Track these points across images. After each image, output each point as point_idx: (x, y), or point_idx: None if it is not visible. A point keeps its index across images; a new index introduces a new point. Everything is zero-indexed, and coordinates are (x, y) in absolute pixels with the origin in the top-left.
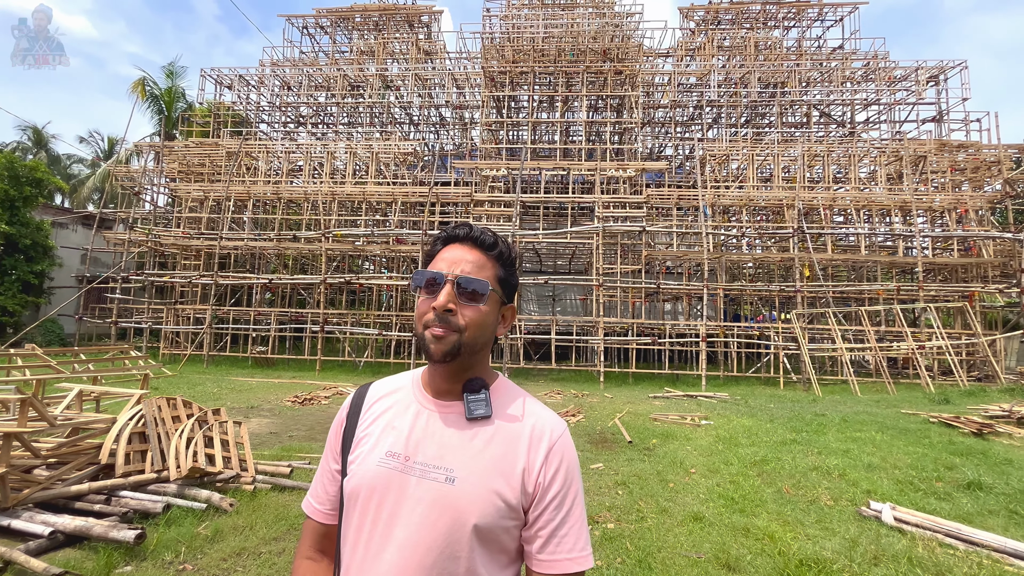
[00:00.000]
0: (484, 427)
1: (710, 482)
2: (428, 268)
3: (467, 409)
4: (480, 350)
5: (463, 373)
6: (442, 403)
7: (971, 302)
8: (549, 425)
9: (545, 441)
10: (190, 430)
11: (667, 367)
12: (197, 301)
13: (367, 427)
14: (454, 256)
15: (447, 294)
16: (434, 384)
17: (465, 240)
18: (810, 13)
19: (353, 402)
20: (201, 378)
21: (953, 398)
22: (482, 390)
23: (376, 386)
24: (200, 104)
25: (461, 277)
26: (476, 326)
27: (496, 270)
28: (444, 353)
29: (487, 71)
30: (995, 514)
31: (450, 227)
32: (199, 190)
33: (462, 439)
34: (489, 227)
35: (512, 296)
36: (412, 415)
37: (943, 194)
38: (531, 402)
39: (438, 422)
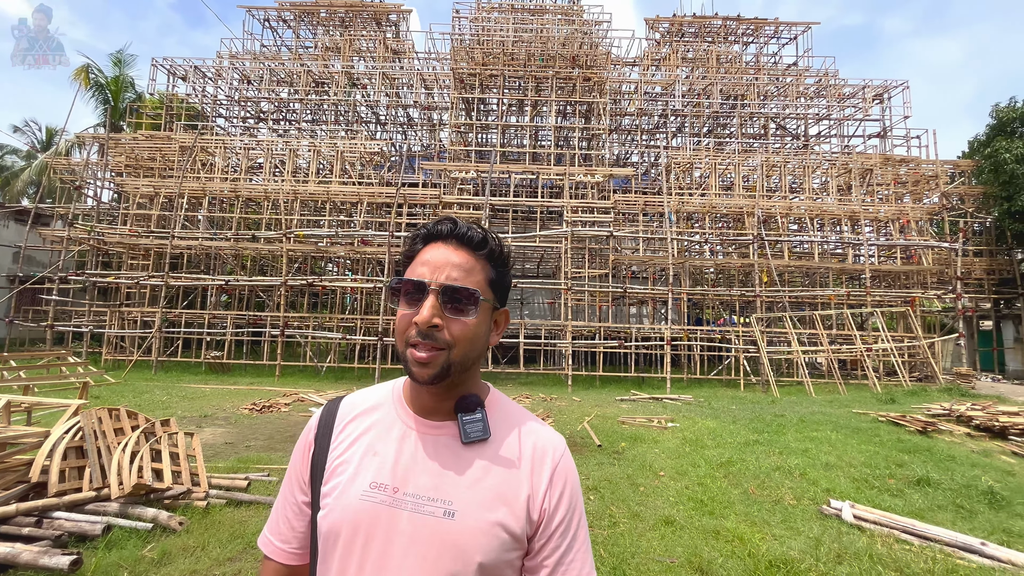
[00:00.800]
0: (482, 450)
1: (679, 484)
2: (407, 273)
3: (463, 432)
4: (472, 365)
5: (453, 390)
6: (431, 423)
7: (912, 307)
8: (551, 445)
9: (548, 463)
10: (135, 443)
11: (633, 370)
12: (145, 303)
13: (343, 452)
14: (437, 258)
15: (431, 307)
16: (420, 401)
17: (449, 238)
18: (767, 30)
19: (322, 421)
20: (149, 385)
21: (898, 397)
22: (478, 409)
23: (349, 402)
24: (151, 95)
25: (447, 285)
26: (466, 341)
27: (487, 272)
28: (432, 376)
29: (456, 72)
30: (944, 509)
31: (431, 222)
32: (149, 186)
33: (459, 466)
34: (476, 222)
35: (505, 299)
36: (397, 438)
37: (887, 205)
38: (528, 419)
39: (429, 446)
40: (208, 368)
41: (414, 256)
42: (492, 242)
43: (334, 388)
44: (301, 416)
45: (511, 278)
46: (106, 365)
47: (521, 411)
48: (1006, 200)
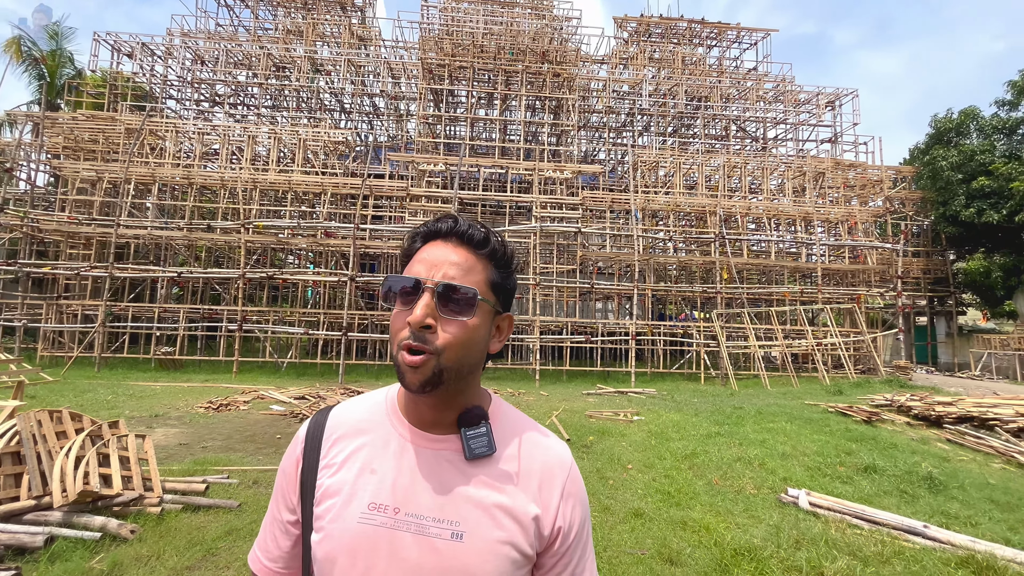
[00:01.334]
0: (487, 466)
1: (647, 477)
2: (404, 272)
3: (466, 448)
4: (469, 373)
5: (452, 401)
6: (431, 437)
7: (858, 304)
8: (559, 457)
9: (559, 477)
10: (80, 447)
11: (599, 364)
12: (87, 296)
13: (336, 470)
14: (435, 257)
15: (425, 306)
16: (416, 413)
17: (449, 236)
18: (730, 35)
19: (309, 435)
20: (92, 384)
21: (845, 389)
22: (482, 422)
23: (339, 413)
24: (93, 72)
25: (443, 283)
26: (459, 345)
27: (488, 273)
28: (422, 383)
29: (425, 63)
30: (889, 494)
31: (432, 220)
32: (90, 170)
33: (464, 484)
34: (478, 221)
35: (509, 303)
36: (394, 453)
37: (838, 207)
38: (533, 428)
39: (429, 462)
40: (158, 365)
41: (413, 255)
42: (495, 241)
43: (296, 385)
44: (261, 414)
45: (515, 281)
46: (42, 362)
47: (525, 420)
48: (942, 205)
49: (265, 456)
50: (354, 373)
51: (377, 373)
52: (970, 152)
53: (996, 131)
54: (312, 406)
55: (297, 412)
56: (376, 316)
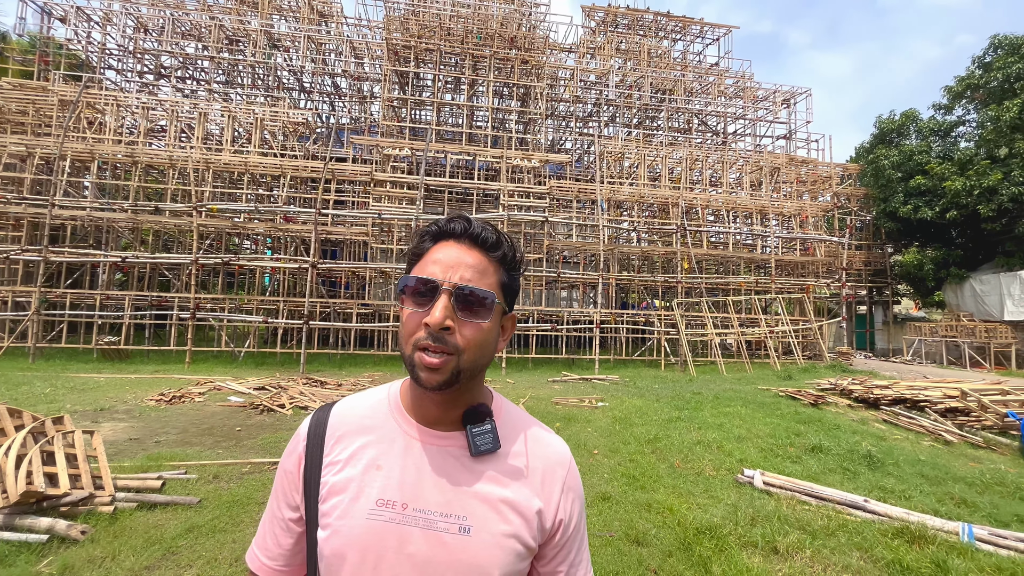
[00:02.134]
0: (492, 462)
1: (612, 461)
2: (415, 271)
3: (472, 444)
4: (480, 372)
5: (460, 398)
6: (437, 434)
7: (807, 294)
8: (559, 453)
9: (560, 473)
10: (21, 445)
11: (564, 352)
12: (18, 282)
13: (342, 468)
14: (450, 258)
15: (444, 308)
16: (422, 410)
17: (462, 237)
18: (693, 29)
19: (312, 432)
20: (26, 376)
21: (794, 374)
22: (487, 419)
23: (341, 410)
24: (19, 37)
25: (461, 286)
26: (477, 347)
27: (500, 275)
28: (440, 383)
29: (390, 44)
30: (833, 472)
31: (442, 220)
32: (19, 144)
33: (470, 479)
34: (488, 221)
35: (513, 304)
36: (400, 450)
37: (791, 202)
38: (535, 425)
39: (436, 458)
40: (101, 355)
41: (422, 254)
42: (506, 244)
43: (255, 375)
44: (219, 406)
45: (519, 282)
46: None
47: (526, 417)
48: (883, 201)
49: (225, 449)
50: (316, 363)
51: (340, 362)
52: (909, 152)
53: (933, 133)
54: (273, 397)
55: (257, 403)
56: (338, 304)
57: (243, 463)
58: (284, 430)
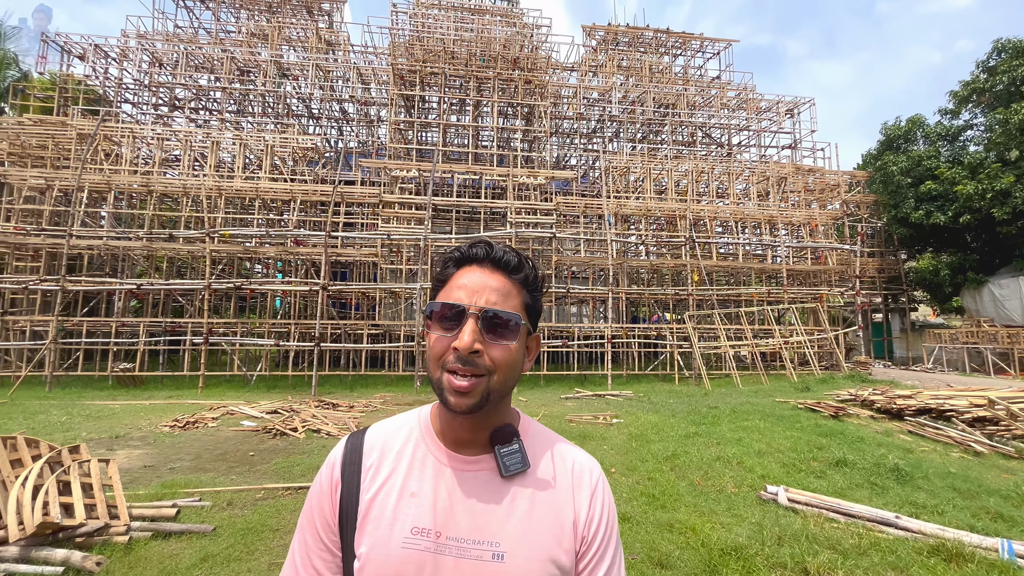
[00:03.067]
0: (523, 483)
1: (630, 480)
2: (440, 297)
3: (502, 465)
4: (508, 393)
5: (488, 420)
6: (466, 458)
7: (821, 303)
8: (587, 466)
9: (587, 485)
10: (38, 476)
11: (576, 368)
12: (36, 311)
13: (375, 494)
14: (474, 282)
15: (472, 332)
16: (452, 433)
17: (485, 261)
18: (693, 44)
19: (347, 458)
20: (43, 404)
21: (812, 385)
22: (514, 439)
23: (374, 435)
24: (40, 75)
25: (487, 309)
26: (506, 367)
27: (523, 297)
28: (471, 406)
29: (396, 68)
30: (860, 486)
31: (464, 245)
32: (39, 177)
33: (501, 502)
34: (507, 244)
35: (536, 324)
36: (432, 476)
37: (799, 211)
38: (561, 442)
39: (467, 483)
40: (117, 382)
41: (447, 280)
42: (527, 266)
43: (267, 398)
44: (232, 431)
45: (542, 303)
46: None
47: (552, 435)
48: (893, 207)
49: (239, 475)
50: (327, 384)
51: (351, 384)
52: (917, 158)
53: (940, 138)
54: (285, 420)
55: (270, 427)
56: (349, 326)
57: (257, 489)
58: (297, 454)
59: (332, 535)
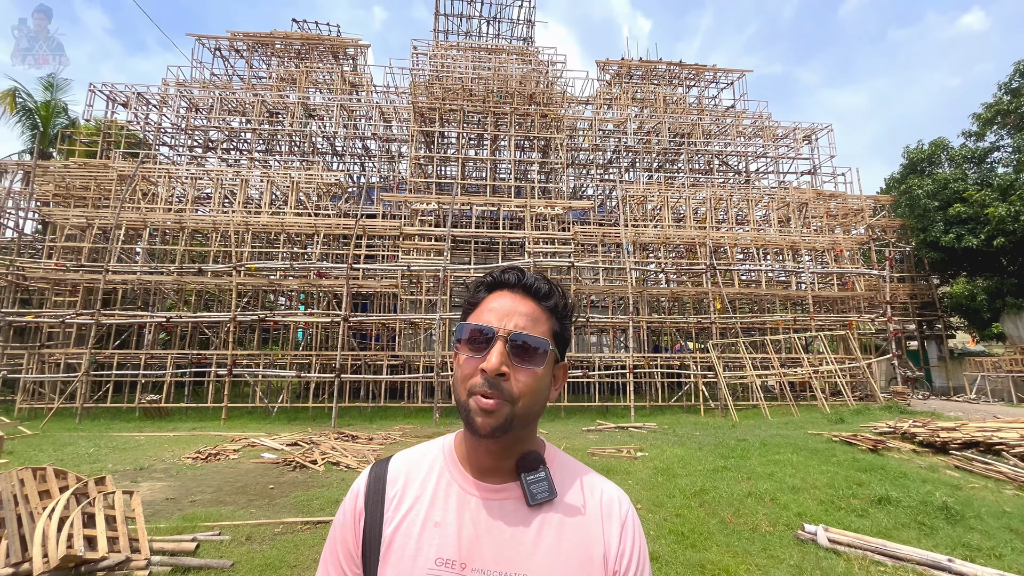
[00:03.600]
0: (550, 513)
1: (657, 516)
2: (471, 319)
3: (528, 494)
4: (533, 420)
5: (513, 447)
6: (492, 487)
7: (850, 330)
8: (616, 497)
9: (616, 517)
10: (64, 507)
11: (597, 399)
12: (71, 344)
13: (399, 523)
14: (504, 307)
15: (500, 354)
16: (476, 461)
17: (516, 287)
18: (707, 75)
19: (371, 487)
20: (72, 436)
21: (846, 417)
22: (540, 467)
23: (398, 463)
24: (87, 122)
25: (516, 333)
26: (532, 393)
27: (552, 324)
28: (494, 428)
29: (416, 106)
30: (907, 526)
31: (497, 271)
32: (81, 216)
33: (528, 533)
34: (540, 273)
35: (564, 353)
36: (456, 504)
37: (822, 236)
38: (588, 472)
39: (493, 512)
40: (143, 414)
41: (478, 304)
42: (557, 294)
43: (287, 430)
44: (253, 463)
45: (571, 331)
46: (20, 415)
47: (578, 464)
48: (921, 231)
49: (258, 508)
50: (347, 416)
51: (371, 416)
52: (944, 180)
53: (966, 160)
54: (305, 453)
55: (290, 459)
56: (369, 357)
57: (276, 523)
58: (316, 487)
59: (355, 567)
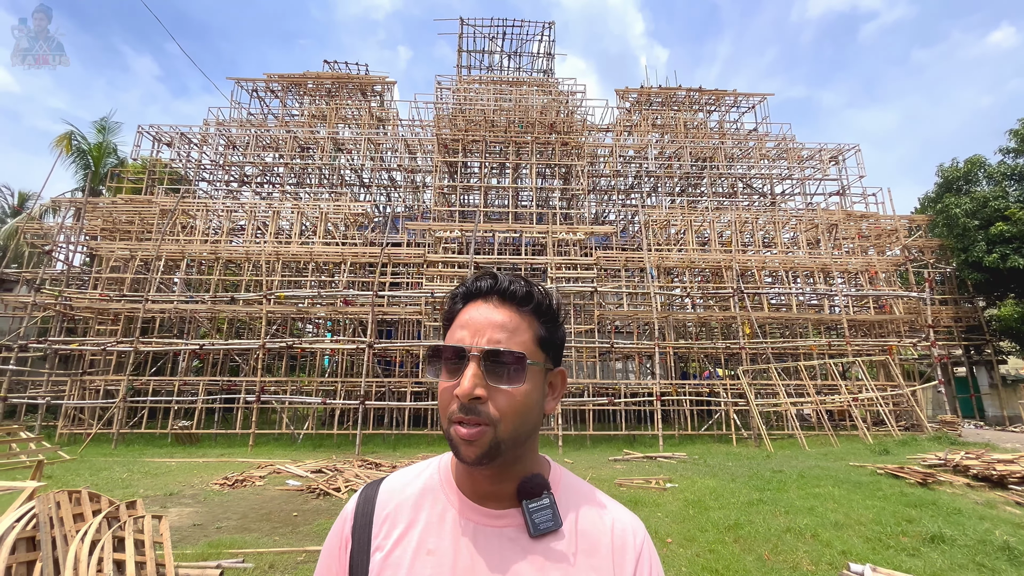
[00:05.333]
0: (554, 543)
1: (689, 552)
2: (447, 338)
3: (530, 524)
4: (527, 440)
5: (509, 470)
6: (491, 513)
7: (891, 355)
8: (629, 527)
9: (631, 549)
10: (96, 530)
11: (624, 428)
12: (111, 371)
13: (389, 552)
14: (478, 319)
15: (472, 376)
16: (472, 485)
17: (490, 295)
18: (728, 100)
19: (359, 511)
20: (107, 461)
21: (891, 448)
22: (544, 493)
23: (390, 486)
24: (134, 160)
25: (489, 349)
26: (515, 414)
27: (535, 329)
28: (479, 456)
29: (440, 138)
30: (964, 568)
31: (470, 279)
32: (125, 248)
33: (530, 567)
34: (519, 274)
35: (559, 358)
36: (451, 531)
37: (855, 258)
38: (598, 497)
39: (492, 542)
40: (175, 440)
41: (454, 318)
42: (538, 295)
43: (312, 457)
44: (278, 490)
45: (564, 333)
46: (61, 440)
47: (587, 487)
48: (962, 251)
49: (281, 536)
50: (371, 443)
51: (394, 444)
52: (983, 199)
53: (1005, 177)
54: (329, 480)
55: (314, 487)
56: (393, 383)
57: (298, 551)
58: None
59: None
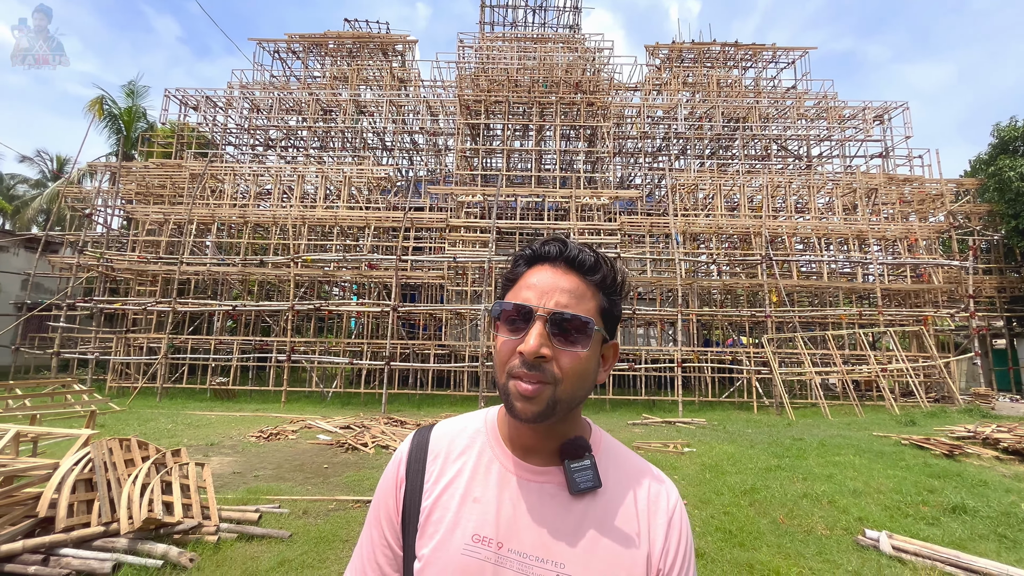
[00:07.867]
0: (593, 503)
1: (704, 513)
2: (508, 297)
3: (571, 482)
4: (579, 403)
5: (557, 430)
6: (534, 469)
7: (926, 326)
8: (664, 491)
9: (663, 511)
10: (146, 475)
11: (643, 393)
12: (152, 330)
13: (439, 495)
14: (544, 282)
15: (539, 335)
16: (519, 440)
17: (558, 260)
18: (765, 55)
19: (412, 455)
20: (153, 413)
21: (918, 419)
22: (586, 454)
23: (440, 433)
24: (163, 125)
25: (557, 312)
26: (576, 376)
27: (599, 300)
28: (536, 414)
29: (462, 99)
30: (985, 538)
31: (537, 243)
32: (159, 212)
33: (569, 522)
34: (586, 244)
35: (615, 331)
36: (496, 482)
37: (894, 224)
38: (637, 462)
39: (532, 496)
40: (213, 394)
41: (517, 279)
42: (605, 267)
43: (341, 414)
44: (309, 444)
45: (621, 307)
46: (110, 393)
47: (628, 453)
48: (1013, 218)
49: (313, 486)
50: (396, 403)
51: (419, 403)
52: None
53: None
54: (357, 436)
55: (343, 442)
56: (417, 346)
57: (329, 499)
58: (367, 468)
59: (394, 532)
